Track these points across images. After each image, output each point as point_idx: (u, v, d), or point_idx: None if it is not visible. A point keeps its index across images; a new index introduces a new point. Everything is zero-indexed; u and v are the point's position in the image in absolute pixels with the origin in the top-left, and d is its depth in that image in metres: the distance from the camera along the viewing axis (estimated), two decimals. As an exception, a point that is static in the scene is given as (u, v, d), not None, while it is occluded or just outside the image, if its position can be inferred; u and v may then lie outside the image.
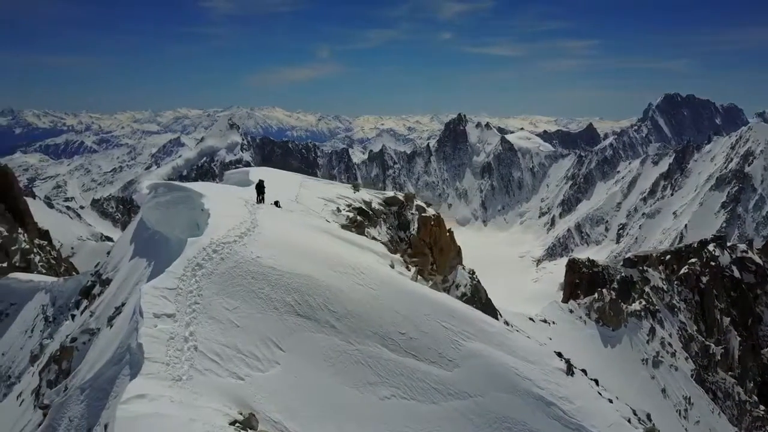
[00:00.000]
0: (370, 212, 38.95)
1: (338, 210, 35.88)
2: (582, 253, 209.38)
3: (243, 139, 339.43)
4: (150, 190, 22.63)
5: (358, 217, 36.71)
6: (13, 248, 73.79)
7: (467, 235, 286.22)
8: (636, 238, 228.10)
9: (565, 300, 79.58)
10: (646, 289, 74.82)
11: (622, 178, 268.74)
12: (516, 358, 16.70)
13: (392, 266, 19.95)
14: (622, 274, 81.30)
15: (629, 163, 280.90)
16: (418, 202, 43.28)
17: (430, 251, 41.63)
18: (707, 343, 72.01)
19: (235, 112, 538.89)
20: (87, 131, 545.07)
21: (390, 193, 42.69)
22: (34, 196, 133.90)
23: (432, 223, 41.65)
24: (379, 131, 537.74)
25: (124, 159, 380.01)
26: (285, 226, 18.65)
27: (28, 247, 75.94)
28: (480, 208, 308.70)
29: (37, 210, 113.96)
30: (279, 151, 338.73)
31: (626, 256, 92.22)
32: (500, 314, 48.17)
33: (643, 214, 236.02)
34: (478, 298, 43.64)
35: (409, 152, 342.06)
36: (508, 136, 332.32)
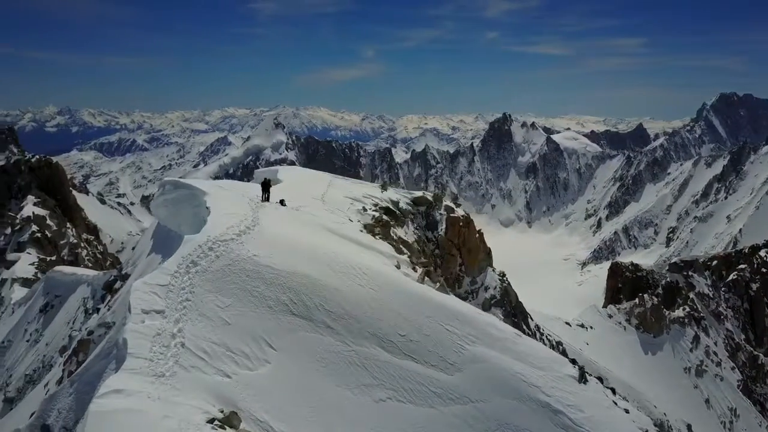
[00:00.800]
0: (397, 212, 38.78)
1: (364, 209, 35.85)
2: (629, 257, 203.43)
3: (288, 139, 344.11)
4: (159, 187, 23.11)
5: (384, 217, 36.61)
6: (61, 242, 76.92)
7: (511, 236, 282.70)
8: (687, 243, 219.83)
9: (607, 305, 77.49)
10: (691, 295, 72.09)
11: (673, 180, 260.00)
12: (523, 364, 16.25)
13: (398, 267, 19.70)
14: (667, 279, 78.59)
15: (681, 165, 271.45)
16: (447, 202, 42.86)
17: (458, 252, 41.17)
18: (756, 352, 68.79)
19: (281, 112, 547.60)
20: (139, 130, 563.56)
21: (418, 193, 42.43)
22: (87, 193, 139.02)
23: (460, 223, 41.15)
24: (423, 131, 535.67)
25: (174, 157, 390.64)
26: (287, 225, 18.67)
27: (75, 241, 78.98)
28: (524, 209, 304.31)
29: (90, 206, 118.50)
30: (323, 151, 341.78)
31: (672, 261, 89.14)
32: (531, 317, 47.25)
33: (695, 217, 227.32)
34: (507, 301, 42.87)
35: (452, 152, 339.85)
36: (554, 136, 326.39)
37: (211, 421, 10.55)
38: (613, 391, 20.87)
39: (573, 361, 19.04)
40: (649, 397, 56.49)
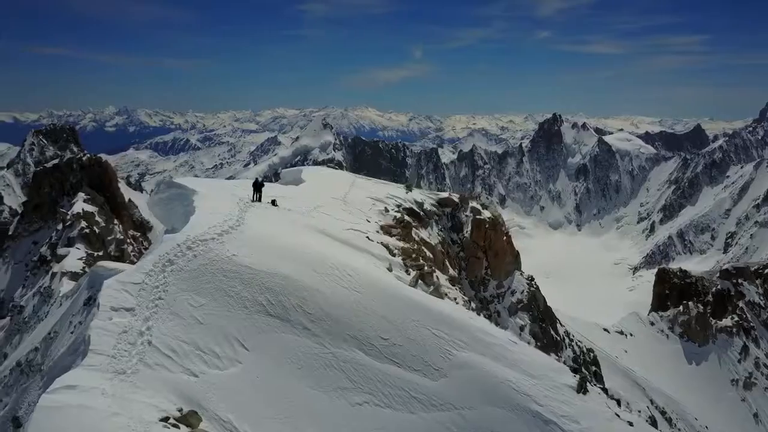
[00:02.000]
0: (421, 213, 38.46)
1: (386, 210, 35.71)
2: (684, 263, 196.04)
3: (335, 139, 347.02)
4: (156, 186, 23.67)
5: (406, 218, 36.38)
6: (108, 238, 79.80)
7: (559, 239, 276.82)
8: (746, 249, 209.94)
9: (654, 311, 74.83)
10: (740, 304, 68.79)
11: (732, 183, 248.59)
12: (516, 372, 15.72)
13: (389, 269, 19.41)
14: (718, 287, 75.22)
15: (741, 167, 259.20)
16: (473, 204, 42.19)
17: (484, 255, 40.48)
18: (809, 367, 65.13)
19: (330, 112, 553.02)
20: (192, 129, 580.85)
21: (444, 194, 41.96)
22: (141, 190, 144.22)
23: (486, 225, 40.43)
24: (471, 131, 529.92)
25: (225, 156, 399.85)
26: (273, 225, 18.64)
27: (122, 237, 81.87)
28: (574, 212, 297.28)
29: (144, 203, 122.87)
30: (369, 151, 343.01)
31: (723, 268, 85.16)
32: (560, 323, 46.00)
33: (756, 222, 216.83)
34: (535, 306, 41.84)
35: (500, 152, 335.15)
36: (606, 137, 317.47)
37: (165, 419, 10.59)
38: (618, 403, 19.99)
39: (575, 370, 18.32)
40: (689, 409, 54.20)
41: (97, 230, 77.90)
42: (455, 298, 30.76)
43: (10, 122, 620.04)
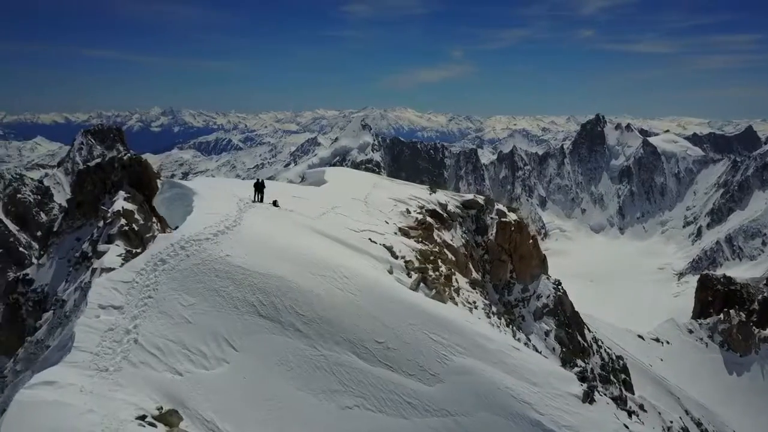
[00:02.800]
0: (445, 215, 38.08)
1: (408, 211, 35.51)
2: (733, 269, 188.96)
3: (374, 140, 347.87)
4: (160, 186, 23.90)
5: (429, 219, 36.09)
6: (147, 235, 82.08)
7: (601, 242, 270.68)
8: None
9: (695, 319, 72.35)
10: (786, 313, 65.80)
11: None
12: (516, 379, 15.31)
13: (390, 272, 19.14)
14: (765, 294, 72.14)
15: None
16: (499, 206, 41.52)
17: (509, 258, 39.78)
18: None
19: (369, 113, 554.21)
20: (234, 130, 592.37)
21: (469, 196, 41.41)
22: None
23: (512, 228, 39.72)
24: (511, 132, 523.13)
25: (266, 156, 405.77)
26: (271, 226, 18.60)
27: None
28: (617, 215, 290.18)
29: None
30: (407, 152, 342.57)
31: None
32: (589, 328, 44.76)
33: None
34: (561, 311, 40.87)
35: (541, 154, 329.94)
36: (651, 139, 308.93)
37: (141, 417, 10.66)
38: (629, 414, 19.20)
39: (583, 379, 17.73)
40: (728, 421, 52.05)
41: (135, 227, 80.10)
42: (474, 302, 30.33)
43: (63, 123, 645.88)
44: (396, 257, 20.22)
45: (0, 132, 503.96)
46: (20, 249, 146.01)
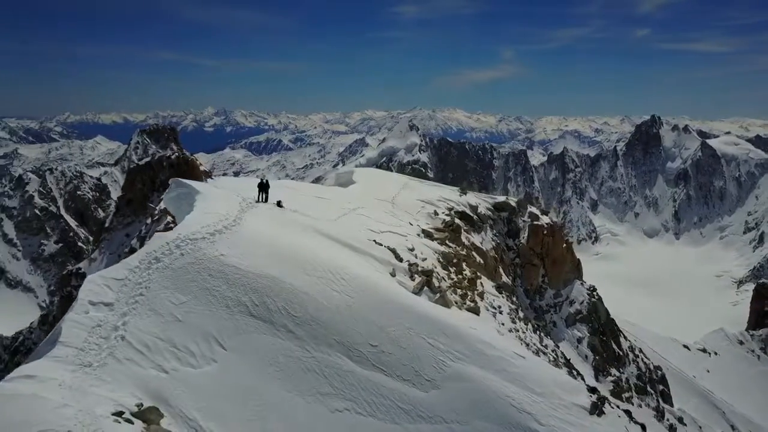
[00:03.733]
0: (475, 217, 37.52)
1: (435, 213, 35.17)
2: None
3: (421, 140, 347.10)
4: (169, 184, 24.33)
5: (457, 221, 35.65)
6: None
7: (655, 247, 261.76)
8: None
9: (749, 330, 69.05)
10: None
11: None
12: (518, 388, 14.84)
13: (393, 275, 18.84)
14: (826, 306, 68.18)
15: None
16: (532, 209, 40.58)
17: (541, 262, 38.82)
18: None
19: (417, 114, 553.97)
20: (285, 130, 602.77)
21: (501, 198, 40.66)
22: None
23: (544, 232, 38.76)
24: (562, 133, 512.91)
25: (315, 157, 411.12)
26: (270, 226, 18.52)
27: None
28: (672, 220, 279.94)
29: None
30: (455, 153, 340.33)
31: (832, 285, 77.03)
32: (625, 337, 43.14)
33: None
34: (595, 318, 39.58)
35: (593, 155, 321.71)
36: (710, 141, 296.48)
37: (118, 413, 10.79)
38: (643, 427, 18.30)
39: (593, 390, 17.04)
40: (779, 440, 49.29)
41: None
42: (499, 306, 29.75)
43: (121, 122, 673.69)
44: (400, 260, 19.94)
45: (64, 131, 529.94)
46: (79, 243, 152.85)
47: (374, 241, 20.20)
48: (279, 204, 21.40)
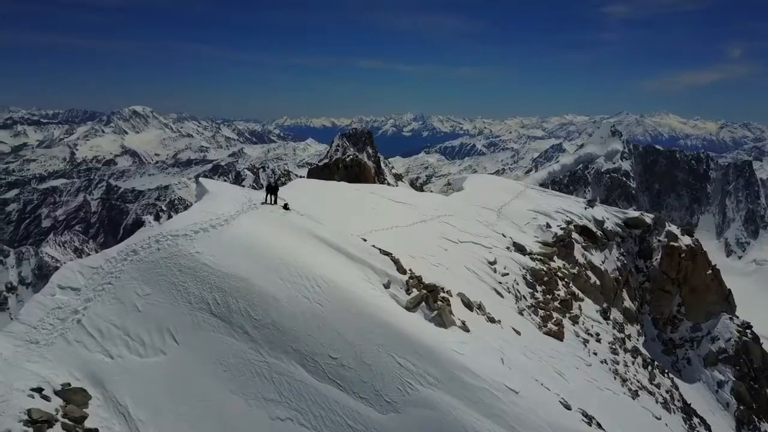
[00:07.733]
0: (599, 233, 34.12)
1: (548, 226, 32.81)
2: None
3: (624, 147, 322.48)
4: (195, 183, 25.73)
5: (574, 236, 32.92)
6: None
7: None
8: None
9: None
10: None
11: None
12: (496, 426, 13.30)
13: (386, 286, 17.72)
14: None
15: None
16: (671, 227, 35.50)
17: (677, 289, 33.79)
18: None
19: (623, 119, 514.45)
20: (479, 135, 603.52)
21: (635, 214, 36.29)
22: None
23: (681, 255, 33.65)
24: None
25: (507, 162, 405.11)
26: (262, 228, 18.41)
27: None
28: None
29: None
30: (663, 161, 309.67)
31: None
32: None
33: None
34: (745, 360, 33.20)
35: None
36: None
37: (38, 390, 11.92)
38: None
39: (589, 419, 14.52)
40: None
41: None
42: (597, 334, 26.88)
43: (329, 126, 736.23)
44: (404, 272, 18.89)
45: (281, 133, 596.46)
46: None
47: (379, 249, 19.50)
48: (286, 207, 21.51)
